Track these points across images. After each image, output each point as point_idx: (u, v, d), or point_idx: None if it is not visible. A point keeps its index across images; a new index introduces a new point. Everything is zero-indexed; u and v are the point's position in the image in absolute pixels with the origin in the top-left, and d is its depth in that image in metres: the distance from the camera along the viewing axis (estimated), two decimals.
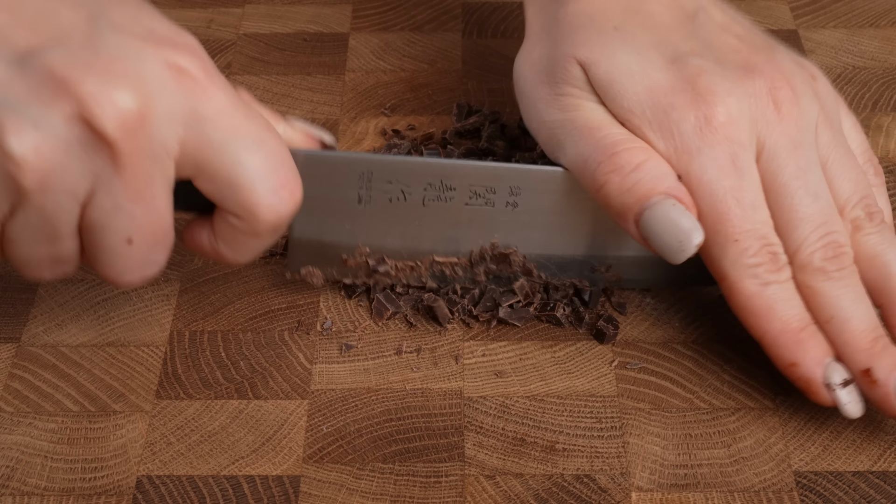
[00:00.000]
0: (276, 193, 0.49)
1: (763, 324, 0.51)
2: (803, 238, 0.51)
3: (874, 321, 0.51)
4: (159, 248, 0.49)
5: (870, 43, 0.72)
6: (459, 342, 0.55)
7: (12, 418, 0.52)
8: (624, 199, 0.52)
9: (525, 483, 0.49)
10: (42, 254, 0.49)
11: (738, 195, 0.51)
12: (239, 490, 0.49)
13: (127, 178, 0.47)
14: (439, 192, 0.55)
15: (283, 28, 0.74)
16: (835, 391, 0.50)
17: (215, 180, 0.49)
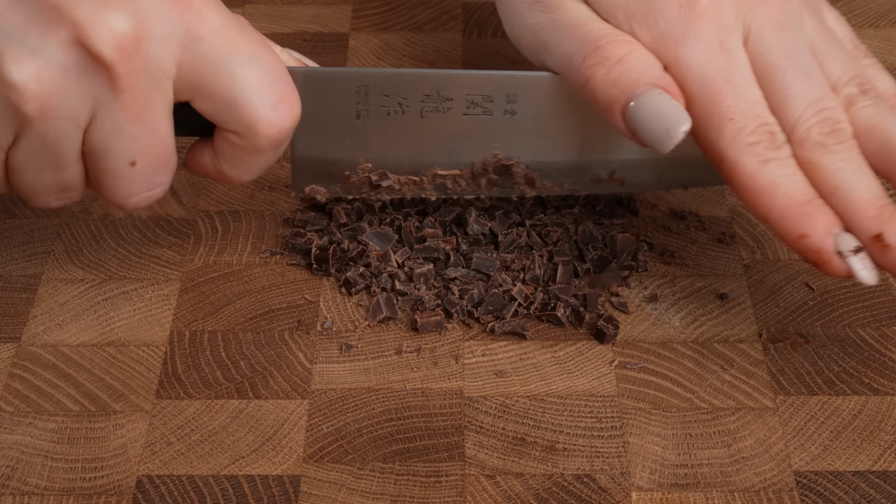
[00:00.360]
0: (275, 108, 0.50)
1: (767, 201, 0.51)
2: (799, 114, 0.51)
3: (879, 189, 0.51)
4: (162, 169, 0.50)
5: (870, 43, 0.72)
6: (459, 342, 0.55)
7: (12, 418, 0.52)
8: (609, 91, 0.52)
9: (525, 483, 0.49)
10: (48, 181, 0.50)
11: (728, 76, 0.51)
12: (239, 490, 0.49)
13: (126, 101, 0.48)
14: (437, 102, 0.55)
15: (283, 28, 0.74)
16: (847, 258, 0.50)
17: (213, 99, 0.50)
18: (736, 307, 0.57)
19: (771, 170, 0.51)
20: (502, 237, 0.57)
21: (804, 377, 0.53)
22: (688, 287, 0.58)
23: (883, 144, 0.52)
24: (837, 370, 0.54)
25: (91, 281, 0.58)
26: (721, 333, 0.55)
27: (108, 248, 0.60)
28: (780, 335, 0.55)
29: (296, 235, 0.59)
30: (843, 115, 0.52)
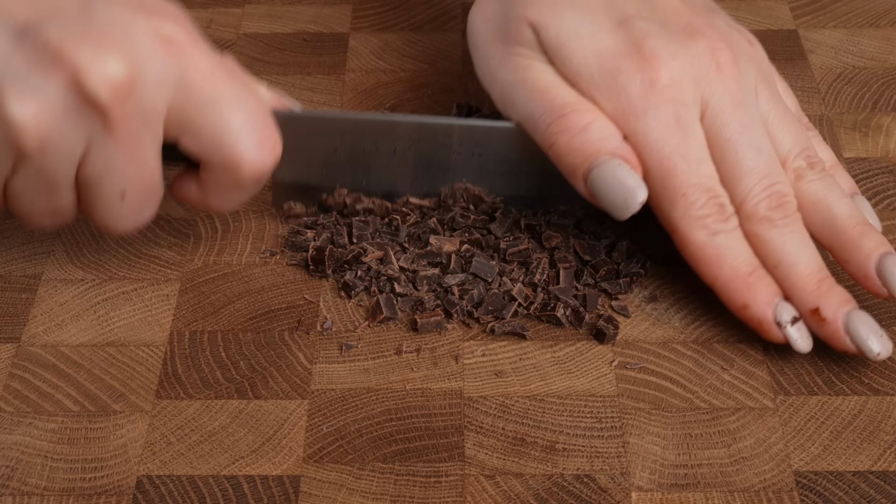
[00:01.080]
0: (258, 148, 0.53)
1: (714, 270, 0.54)
2: (748, 189, 0.54)
3: (819, 263, 0.54)
4: (149, 200, 0.54)
5: (870, 43, 0.72)
6: (459, 342, 0.55)
7: (12, 418, 0.52)
8: (572, 158, 0.55)
9: (525, 483, 0.49)
10: (42, 205, 0.53)
11: (683, 151, 0.54)
12: (239, 490, 0.49)
13: (119, 139, 0.51)
14: (408, 144, 0.58)
15: (282, 28, 0.74)
16: (785, 328, 0.53)
17: (200, 138, 0.53)
18: None
19: (719, 241, 0.54)
20: (504, 243, 0.57)
21: (804, 377, 0.53)
22: (688, 287, 0.58)
23: (827, 219, 0.55)
24: (837, 370, 0.54)
25: (91, 281, 0.58)
26: (721, 333, 0.55)
27: (108, 248, 0.60)
28: None
29: (295, 235, 0.59)
30: (790, 189, 0.55)
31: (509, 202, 0.60)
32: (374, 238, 0.58)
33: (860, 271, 0.54)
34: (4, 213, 0.61)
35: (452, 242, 0.57)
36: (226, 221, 0.61)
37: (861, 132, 0.66)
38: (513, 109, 0.58)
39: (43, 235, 0.60)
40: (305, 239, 0.59)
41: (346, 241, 0.58)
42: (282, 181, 0.60)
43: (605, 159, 0.54)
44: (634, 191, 0.53)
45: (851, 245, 0.54)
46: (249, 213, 0.61)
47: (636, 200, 0.53)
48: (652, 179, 0.54)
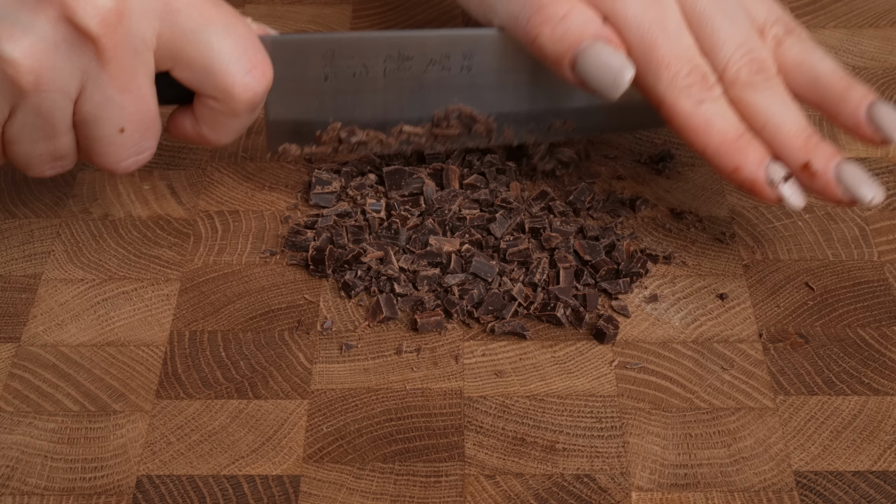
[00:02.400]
0: (249, 73, 0.54)
1: (703, 138, 0.55)
2: (728, 57, 0.56)
3: (805, 121, 0.56)
4: (149, 134, 0.54)
5: (870, 43, 0.72)
6: (459, 342, 0.55)
7: (12, 418, 0.52)
8: (556, 47, 0.56)
9: (525, 483, 0.49)
10: (42, 150, 0.54)
11: (662, 24, 0.56)
12: (239, 490, 0.49)
13: (112, 71, 0.52)
14: (398, 62, 0.59)
15: (283, 28, 0.74)
16: (778, 186, 0.55)
17: (192, 67, 0.53)
18: (736, 307, 0.57)
19: (705, 109, 0.55)
20: (504, 243, 0.57)
21: (804, 377, 0.53)
22: (687, 287, 0.58)
23: (812, 78, 0.56)
24: (837, 370, 0.54)
25: (91, 281, 0.58)
26: (721, 333, 0.55)
27: (108, 248, 0.60)
28: (780, 335, 0.55)
29: (295, 235, 0.59)
30: (769, 55, 0.57)
31: (501, 121, 0.60)
32: (375, 239, 0.58)
33: (851, 121, 0.55)
34: (8, 213, 0.61)
35: (452, 243, 0.57)
36: (226, 221, 0.61)
37: None
38: (494, 15, 0.59)
39: (43, 235, 0.60)
40: (305, 239, 0.59)
41: (346, 241, 0.58)
42: (275, 120, 0.59)
43: (589, 43, 0.55)
44: (621, 69, 0.55)
45: (839, 97, 0.56)
46: (250, 213, 0.61)
47: (624, 78, 0.55)
48: (635, 55, 0.56)
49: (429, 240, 0.57)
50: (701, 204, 0.62)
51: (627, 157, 0.65)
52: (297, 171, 0.64)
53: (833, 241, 0.60)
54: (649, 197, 0.62)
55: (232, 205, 0.62)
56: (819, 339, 0.55)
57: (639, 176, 0.64)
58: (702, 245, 0.60)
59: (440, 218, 0.59)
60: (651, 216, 0.61)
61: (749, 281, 0.58)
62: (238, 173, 0.64)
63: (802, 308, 0.57)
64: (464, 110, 0.60)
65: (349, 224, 0.59)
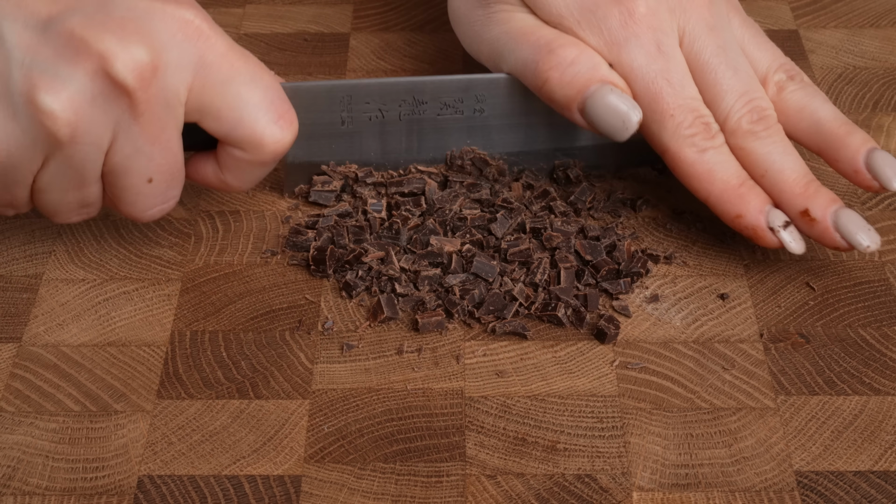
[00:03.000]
0: (277, 123, 0.55)
1: (706, 185, 0.57)
2: (730, 106, 0.57)
3: (804, 168, 0.57)
4: (175, 183, 0.55)
5: (870, 43, 0.72)
6: (460, 342, 0.55)
7: (13, 418, 0.52)
8: (566, 91, 0.58)
9: (526, 483, 0.49)
10: (70, 199, 0.55)
11: (667, 76, 0.57)
12: (240, 490, 0.49)
13: (144, 124, 0.52)
14: (412, 106, 0.61)
15: (283, 28, 0.74)
16: (778, 232, 0.56)
17: (220, 118, 0.54)
18: (737, 307, 0.57)
19: (708, 158, 0.57)
20: (505, 243, 0.57)
21: (805, 377, 0.53)
22: (688, 287, 0.58)
23: (813, 123, 0.58)
24: (838, 370, 0.54)
25: (92, 281, 0.58)
26: (722, 333, 0.55)
27: (109, 248, 0.60)
28: (781, 335, 0.55)
29: (296, 235, 0.59)
30: (769, 104, 0.58)
31: (512, 161, 0.62)
32: (376, 238, 0.58)
33: (850, 167, 0.56)
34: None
35: (453, 243, 0.57)
36: (227, 221, 0.61)
37: None
38: (503, 61, 0.60)
39: (44, 235, 0.60)
40: (306, 239, 0.59)
41: (347, 242, 0.58)
42: (293, 162, 0.61)
43: (597, 87, 0.57)
44: (629, 113, 0.56)
45: (839, 143, 0.57)
46: (250, 213, 0.61)
47: (633, 121, 0.56)
48: (640, 104, 0.57)
49: (430, 240, 0.57)
50: (701, 204, 0.62)
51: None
52: None
53: None
54: (650, 197, 0.62)
55: (233, 205, 0.62)
56: (820, 339, 0.55)
57: (640, 176, 0.64)
58: (703, 245, 0.60)
59: (441, 218, 0.59)
60: (652, 216, 0.61)
61: (750, 281, 0.58)
62: None
63: (803, 308, 0.57)
64: (477, 153, 0.61)
65: (350, 224, 0.59)
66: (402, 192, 0.60)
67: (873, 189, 0.56)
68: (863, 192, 0.62)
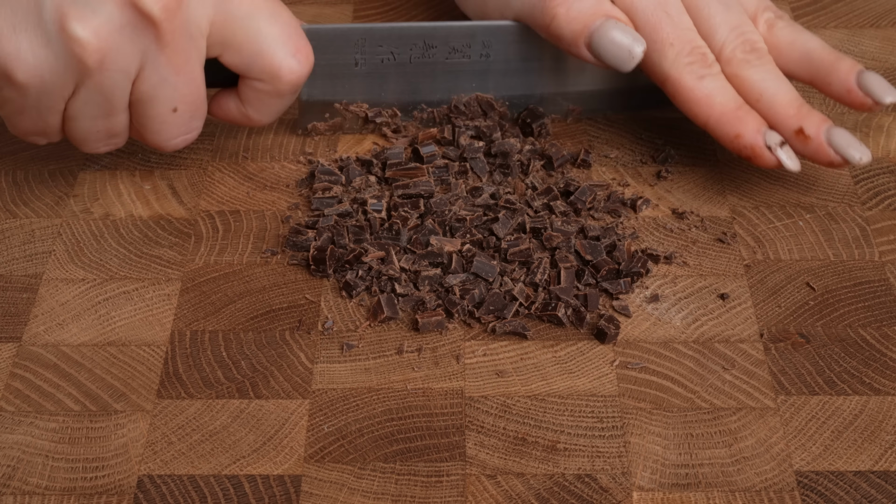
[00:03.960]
0: (294, 56, 0.59)
1: (706, 109, 0.61)
2: (724, 38, 0.61)
3: (795, 93, 0.61)
4: (198, 114, 0.59)
5: (870, 43, 0.72)
6: (460, 342, 0.55)
7: (13, 418, 0.52)
8: (572, 27, 0.61)
9: (526, 482, 0.49)
10: (99, 127, 0.58)
11: (665, 8, 0.61)
12: (240, 489, 0.49)
13: (170, 54, 0.56)
14: (422, 50, 0.64)
15: None
16: (775, 150, 0.59)
17: (241, 51, 0.58)
18: (737, 307, 0.57)
19: (706, 84, 0.61)
20: (505, 243, 0.57)
21: (805, 377, 0.53)
22: (689, 287, 0.58)
23: (804, 53, 0.62)
24: (838, 370, 0.54)
25: (92, 281, 0.58)
26: (722, 333, 0.55)
27: (109, 247, 0.60)
28: (781, 335, 0.55)
29: (296, 235, 0.59)
30: (760, 38, 0.62)
31: (514, 105, 0.65)
32: (376, 238, 0.58)
33: (843, 87, 0.60)
34: (9, 212, 0.61)
35: (453, 243, 0.57)
36: (227, 221, 0.61)
37: (862, 132, 0.66)
38: (509, 8, 0.64)
39: (44, 235, 0.60)
40: (306, 239, 0.59)
41: (347, 241, 0.58)
42: (307, 101, 0.64)
43: (602, 22, 0.60)
44: (633, 45, 0.60)
45: (830, 68, 0.61)
46: (250, 212, 0.61)
47: (637, 51, 0.60)
48: (641, 35, 0.61)
49: (430, 240, 0.57)
50: (702, 204, 0.62)
51: (628, 157, 0.65)
52: (297, 171, 0.64)
53: (834, 241, 0.60)
54: (650, 197, 0.62)
55: (233, 204, 0.62)
56: (820, 339, 0.55)
57: (639, 176, 0.64)
58: (703, 245, 0.60)
59: (440, 218, 0.59)
60: (652, 216, 0.61)
61: (750, 281, 0.58)
62: (239, 173, 0.64)
63: (803, 308, 0.57)
64: (482, 97, 0.65)
65: (350, 224, 0.59)
66: (403, 195, 0.60)
67: (866, 107, 0.60)
68: (864, 192, 0.62)
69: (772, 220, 0.61)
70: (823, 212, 0.61)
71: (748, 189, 0.63)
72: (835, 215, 0.61)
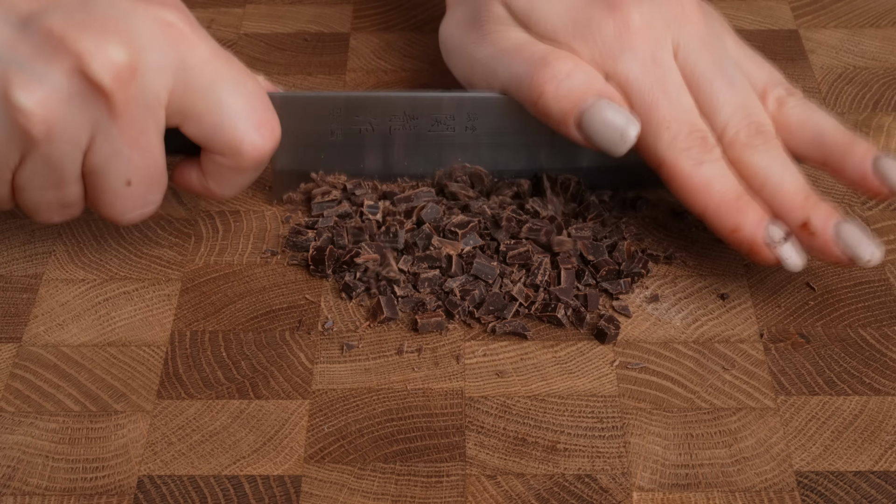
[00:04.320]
0: (258, 131, 0.54)
1: (703, 198, 0.56)
2: (727, 119, 0.56)
3: (803, 181, 0.56)
4: (155, 188, 0.55)
5: (870, 43, 0.72)
6: (460, 342, 0.55)
7: (13, 418, 0.52)
8: (562, 105, 0.57)
9: (526, 483, 0.49)
10: (50, 198, 0.54)
11: (663, 87, 0.57)
12: (240, 490, 0.49)
13: (123, 125, 0.52)
14: (403, 121, 0.60)
15: (283, 28, 0.74)
16: (777, 247, 0.55)
17: (201, 123, 0.54)
18: (737, 307, 0.57)
19: (705, 170, 0.56)
20: (504, 246, 0.57)
21: (805, 377, 0.53)
22: (689, 287, 0.58)
23: (816, 135, 0.57)
24: (838, 370, 0.54)
25: (92, 281, 0.58)
26: (722, 333, 0.55)
27: (109, 248, 0.60)
28: (781, 335, 0.55)
29: (296, 235, 0.59)
30: (767, 118, 0.57)
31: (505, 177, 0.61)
32: (373, 241, 0.58)
33: (857, 174, 0.55)
34: (9, 212, 0.61)
35: (454, 246, 0.57)
36: (227, 221, 0.61)
37: (862, 132, 0.66)
38: (496, 78, 0.59)
39: (44, 235, 0.60)
40: (306, 239, 0.59)
41: (346, 242, 0.58)
42: (281, 170, 0.61)
43: (594, 101, 0.56)
44: (626, 125, 0.56)
45: (844, 152, 0.56)
46: (251, 213, 0.61)
47: (630, 134, 0.56)
48: (636, 116, 0.56)
49: (430, 242, 0.57)
50: None
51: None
52: None
53: None
54: (650, 197, 0.62)
55: (233, 205, 0.62)
56: (820, 339, 0.55)
57: None
58: (703, 245, 0.60)
59: (436, 224, 0.58)
60: (652, 216, 0.61)
61: (750, 281, 0.58)
62: None
63: (803, 308, 0.57)
64: (469, 168, 0.61)
65: (350, 225, 0.59)
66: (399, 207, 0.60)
67: (881, 195, 0.55)
68: None
69: None
70: None
71: None
72: None
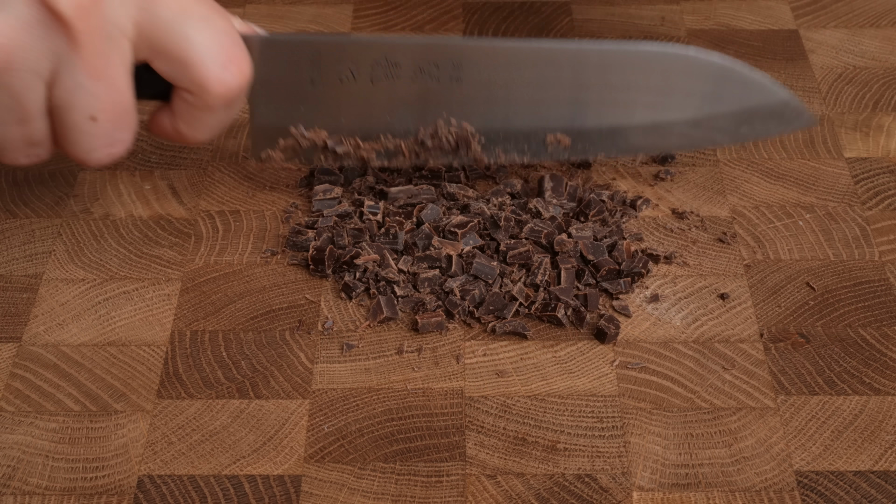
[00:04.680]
0: (225, 68, 0.53)
1: None
2: None
3: None
4: (122, 125, 0.53)
5: (870, 43, 0.72)
6: (460, 342, 0.55)
7: (13, 418, 0.52)
8: None
9: (526, 482, 0.49)
10: (15, 135, 0.53)
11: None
12: (240, 489, 0.49)
13: (85, 57, 0.51)
14: (385, 69, 0.57)
15: (283, 28, 0.74)
16: None
17: (168, 58, 0.52)
18: (737, 307, 0.57)
19: None
20: (504, 246, 0.57)
21: (805, 377, 0.53)
22: (689, 287, 0.58)
23: None
24: (838, 370, 0.54)
25: (92, 281, 0.58)
26: (722, 333, 0.55)
27: (109, 247, 0.60)
28: (781, 335, 0.55)
29: (296, 235, 0.59)
30: None
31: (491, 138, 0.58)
32: (373, 242, 0.58)
33: None
34: (9, 212, 0.61)
35: (455, 246, 0.57)
36: (227, 221, 0.61)
37: (862, 132, 0.66)
38: None
39: (44, 235, 0.60)
40: (306, 239, 0.59)
41: (346, 242, 0.58)
42: (260, 125, 0.58)
43: None
44: None
45: None
46: (251, 212, 0.61)
47: None
48: None
49: (430, 242, 0.57)
50: (702, 204, 0.62)
51: (628, 156, 0.65)
52: (298, 171, 0.64)
53: (834, 241, 0.60)
54: (650, 197, 0.62)
55: (233, 204, 0.62)
56: (820, 339, 0.55)
57: (639, 176, 0.64)
58: (703, 245, 0.60)
59: (435, 224, 0.58)
60: (652, 216, 0.61)
61: (750, 281, 0.58)
62: (239, 173, 0.64)
63: (803, 308, 0.57)
64: (454, 128, 0.58)
65: (350, 225, 0.59)
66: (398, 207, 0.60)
67: None
68: (863, 192, 0.62)
69: (772, 220, 0.61)
70: (823, 212, 0.61)
71: (748, 189, 0.63)
72: (835, 215, 0.61)
